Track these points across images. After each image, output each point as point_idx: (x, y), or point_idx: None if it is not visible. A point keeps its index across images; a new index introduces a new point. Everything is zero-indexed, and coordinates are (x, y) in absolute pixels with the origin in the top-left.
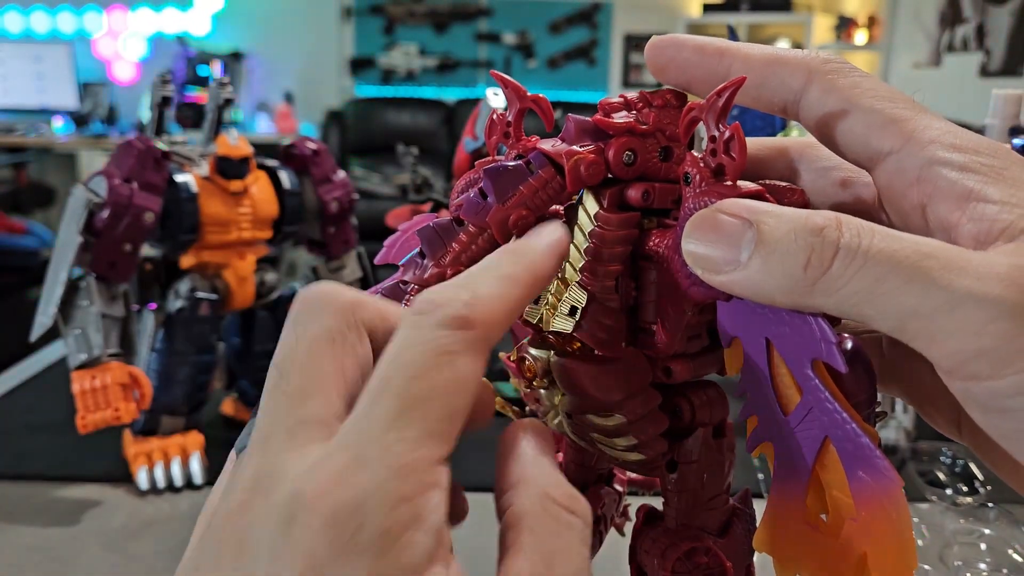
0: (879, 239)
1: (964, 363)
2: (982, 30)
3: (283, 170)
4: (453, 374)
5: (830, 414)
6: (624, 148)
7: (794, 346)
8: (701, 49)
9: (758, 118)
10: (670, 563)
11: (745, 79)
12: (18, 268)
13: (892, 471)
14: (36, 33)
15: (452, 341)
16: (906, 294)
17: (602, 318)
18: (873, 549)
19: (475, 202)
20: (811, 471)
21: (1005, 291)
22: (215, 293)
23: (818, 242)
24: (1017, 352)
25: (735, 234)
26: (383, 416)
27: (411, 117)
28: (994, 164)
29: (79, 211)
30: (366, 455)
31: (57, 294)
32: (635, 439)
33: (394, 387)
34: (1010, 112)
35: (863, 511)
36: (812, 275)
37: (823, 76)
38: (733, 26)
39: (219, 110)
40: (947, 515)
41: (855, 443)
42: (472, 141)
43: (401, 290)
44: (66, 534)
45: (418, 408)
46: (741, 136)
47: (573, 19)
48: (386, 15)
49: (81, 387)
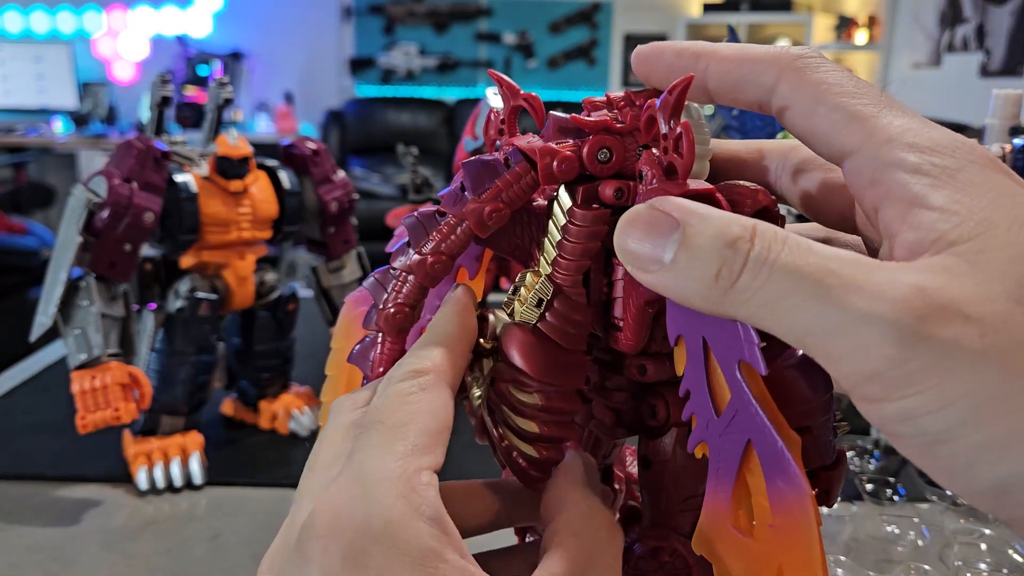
0: (787, 253)
1: (858, 385)
2: (982, 30)
3: (283, 170)
4: (421, 405)
5: (752, 418)
6: (599, 146)
7: (724, 347)
8: (679, 53)
9: (757, 118)
10: (632, 560)
11: (693, 78)
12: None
13: (802, 480)
14: (36, 33)
15: (410, 385)
16: (804, 311)
17: (568, 312)
18: (787, 558)
19: (455, 194)
20: (737, 474)
21: (897, 314)
22: (215, 293)
23: (729, 253)
24: (904, 377)
25: (664, 233)
26: (374, 444)
27: (411, 117)
28: (947, 165)
29: (79, 211)
30: (365, 472)
31: (57, 294)
32: (539, 429)
33: (379, 423)
34: (1010, 112)
35: (779, 518)
36: (722, 285)
37: (791, 72)
38: (733, 26)
39: (219, 110)
40: (947, 515)
41: (773, 448)
42: (472, 141)
43: (390, 276)
44: (66, 534)
45: (397, 431)
46: (690, 134)
47: (573, 19)
48: (386, 15)
49: (81, 387)
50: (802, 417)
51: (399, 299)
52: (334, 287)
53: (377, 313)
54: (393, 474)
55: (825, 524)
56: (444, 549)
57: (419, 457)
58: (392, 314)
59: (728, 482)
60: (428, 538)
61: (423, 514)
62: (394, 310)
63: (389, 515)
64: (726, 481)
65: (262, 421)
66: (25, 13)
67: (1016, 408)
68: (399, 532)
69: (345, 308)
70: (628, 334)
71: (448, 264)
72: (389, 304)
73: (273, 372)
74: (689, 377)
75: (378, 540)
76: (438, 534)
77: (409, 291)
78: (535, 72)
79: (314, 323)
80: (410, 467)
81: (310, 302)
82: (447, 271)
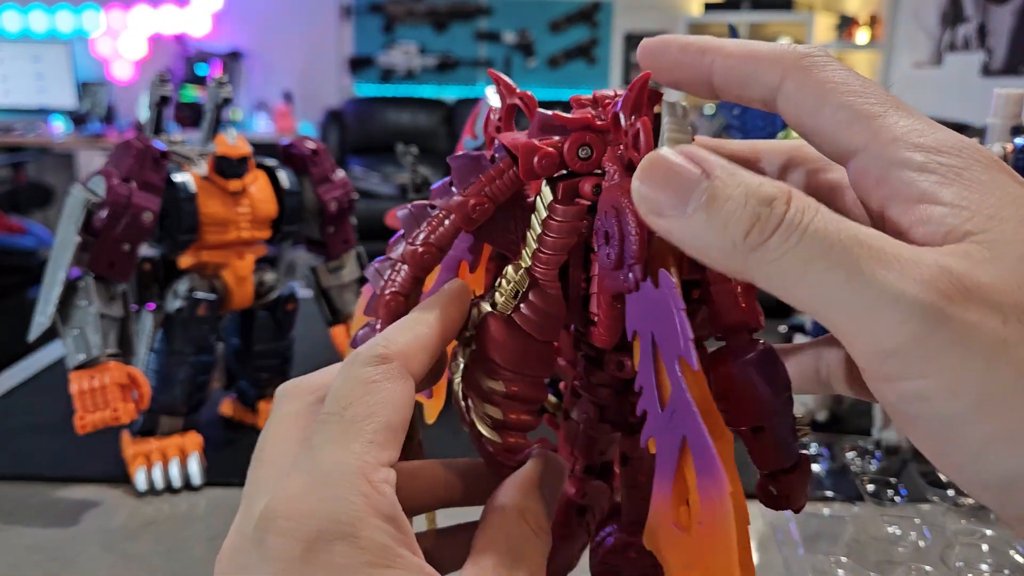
0: (819, 219)
1: (876, 361)
2: (983, 29)
3: (282, 170)
4: (382, 396)
5: (688, 414)
6: (579, 143)
7: (667, 341)
8: (684, 48)
9: (759, 118)
10: (601, 554)
11: (651, 74)
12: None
13: (724, 478)
14: (34, 32)
15: (374, 372)
16: (830, 281)
17: (542, 304)
18: (711, 556)
19: (443, 188)
20: (676, 470)
21: (922, 291)
22: (214, 293)
23: (765, 212)
24: (924, 355)
25: (688, 181)
26: (333, 438)
27: (411, 116)
28: (954, 164)
29: (77, 211)
30: (324, 467)
31: (55, 294)
32: (504, 416)
33: (338, 415)
34: (1012, 111)
35: (705, 515)
36: (750, 243)
37: (797, 71)
38: (734, 25)
39: (218, 109)
40: (949, 516)
41: (702, 445)
42: (472, 140)
43: (389, 265)
44: (65, 534)
45: (357, 426)
46: (648, 131)
47: (573, 18)
48: (386, 14)
49: (79, 387)
50: (756, 416)
51: (394, 287)
52: (333, 287)
53: (375, 300)
54: (352, 470)
55: (826, 525)
56: (399, 548)
57: (377, 453)
58: (387, 301)
59: (669, 478)
60: (385, 536)
61: (381, 512)
62: (388, 298)
63: (350, 512)
64: (668, 477)
65: (261, 421)
66: (24, 12)
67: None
68: (359, 530)
69: (361, 297)
70: (601, 329)
71: (437, 255)
72: (385, 292)
73: (272, 372)
74: (641, 373)
75: (338, 537)
76: (394, 532)
77: (403, 280)
78: (535, 71)
79: (313, 323)
80: (368, 464)
81: (309, 302)
82: (437, 262)
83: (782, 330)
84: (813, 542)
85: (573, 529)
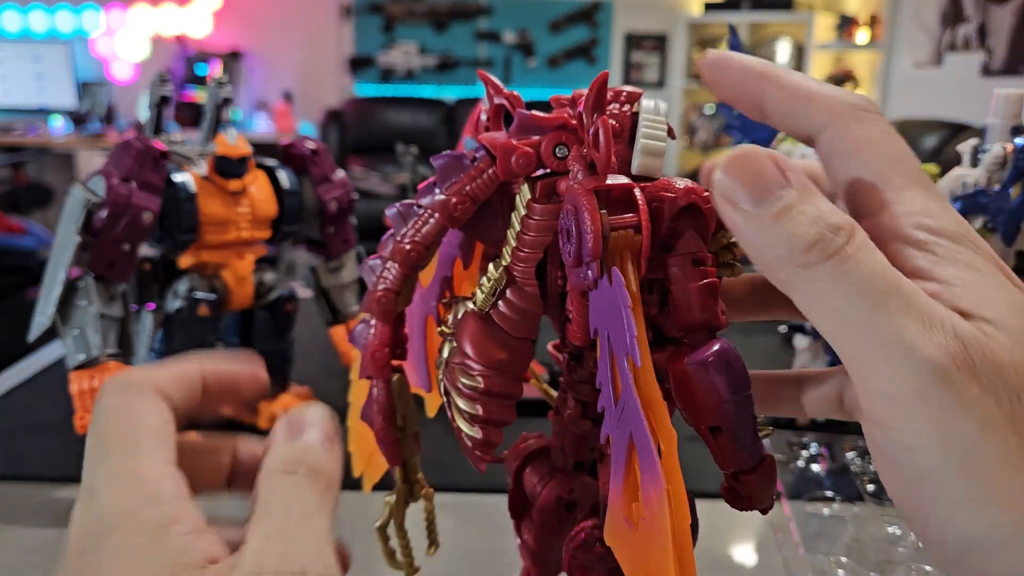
0: (873, 260)
1: (877, 403)
2: (983, 29)
3: (282, 170)
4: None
5: (634, 411)
6: (555, 142)
7: (618, 338)
8: (746, 71)
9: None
10: (569, 549)
11: (608, 74)
12: (16, 268)
13: (660, 475)
14: (34, 32)
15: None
16: (860, 318)
17: (518, 301)
18: (652, 553)
19: (428, 187)
20: (626, 467)
21: (937, 352)
22: (214, 293)
23: (829, 237)
24: (921, 410)
25: (771, 183)
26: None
27: (411, 116)
28: (953, 248)
29: (77, 211)
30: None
31: (55, 294)
32: (480, 411)
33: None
34: (1012, 111)
35: (647, 511)
36: (806, 260)
37: (840, 120)
38: (734, 25)
39: (218, 109)
40: None
41: (644, 442)
42: (472, 140)
43: (380, 262)
44: (65, 534)
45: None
46: (607, 131)
47: (573, 17)
48: (385, 14)
49: (79, 387)
50: (713, 416)
51: (385, 284)
52: (333, 287)
53: (368, 296)
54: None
55: (826, 525)
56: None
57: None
58: (379, 297)
59: (620, 474)
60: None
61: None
62: (380, 294)
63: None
64: (620, 473)
65: (261, 421)
66: (23, 12)
67: (1014, 472)
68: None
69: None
70: (575, 327)
71: (424, 252)
72: (377, 288)
73: (272, 372)
74: (600, 370)
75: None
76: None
77: (394, 277)
78: (535, 71)
79: (313, 323)
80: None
81: (309, 302)
82: (424, 259)
83: (782, 330)
84: (813, 542)
85: (564, 525)
